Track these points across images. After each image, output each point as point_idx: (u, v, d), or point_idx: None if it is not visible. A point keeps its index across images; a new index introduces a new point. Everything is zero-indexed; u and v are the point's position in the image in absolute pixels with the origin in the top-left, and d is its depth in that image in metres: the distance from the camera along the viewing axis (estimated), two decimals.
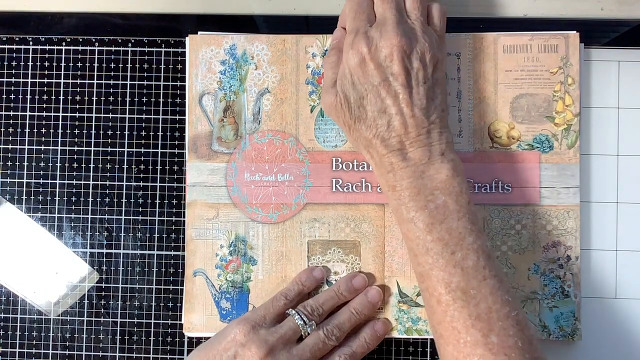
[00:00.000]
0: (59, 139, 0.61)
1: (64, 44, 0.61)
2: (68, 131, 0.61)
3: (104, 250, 0.61)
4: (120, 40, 0.61)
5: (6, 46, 0.61)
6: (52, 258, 0.61)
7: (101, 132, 0.61)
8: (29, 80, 0.61)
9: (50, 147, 0.61)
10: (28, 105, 0.61)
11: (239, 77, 0.59)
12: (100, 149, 0.61)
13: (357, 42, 0.51)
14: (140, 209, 0.61)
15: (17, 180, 0.61)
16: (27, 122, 0.61)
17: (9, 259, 0.61)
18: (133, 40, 0.61)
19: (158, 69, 0.61)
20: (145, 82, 0.61)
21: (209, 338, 0.55)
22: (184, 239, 0.60)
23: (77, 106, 0.61)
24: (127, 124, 0.61)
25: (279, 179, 0.59)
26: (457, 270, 0.48)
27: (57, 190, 0.61)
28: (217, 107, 0.59)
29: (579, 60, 0.58)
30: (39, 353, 0.60)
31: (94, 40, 0.61)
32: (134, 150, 0.61)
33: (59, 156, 0.61)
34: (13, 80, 0.61)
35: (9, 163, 0.61)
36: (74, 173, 0.61)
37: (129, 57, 0.61)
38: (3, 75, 0.61)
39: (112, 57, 0.61)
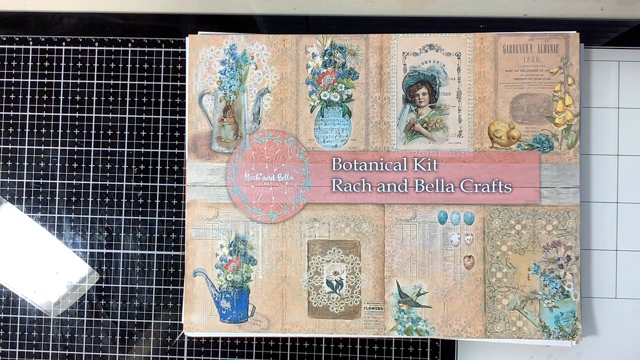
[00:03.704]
0: (59, 139, 0.61)
1: (64, 44, 0.61)
2: (68, 131, 0.61)
3: (104, 250, 0.61)
4: (120, 40, 0.61)
5: (6, 46, 0.61)
6: (52, 258, 0.61)
7: (101, 132, 0.61)
8: (29, 80, 0.61)
9: (50, 147, 0.61)
10: (28, 105, 0.61)
11: (239, 77, 0.59)
12: (100, 149, 0.61)
13: None
14: (140, 209, 0.61)
15: (17, 180, 0.61)
16: (27, 122, 0.61)
17: (9, 259, 0.61)
18: (133, 40, 0.61)
19: (158, 69, 0.61)
20: (145, 82, 0.61)
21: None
22: (184, 239, 0.60)
23: (77, 106, 0.61)
24: (127, 124, 0.61)
25: (279, 179, 0.59)
26: None
27: (57, 190, 0.61)
28: (217, 107, 0.59)
29: (579, 60, 0.58)
30: (39, 353, 0.60)
31: (94, 40, 0.61)
32: (134, 150, 0.61)
33: (59, 156, 0.61)
34: (13, 80, 0.61)
35: (9, 163, 0.61)
36: (74, 173, 0.61)
37: (129, 57, 0.61)
38: (3, 75, 0.61)
39: (112, 57, 0.61)
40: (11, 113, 0.61)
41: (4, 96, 0.61)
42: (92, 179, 0.61)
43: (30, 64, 0.61)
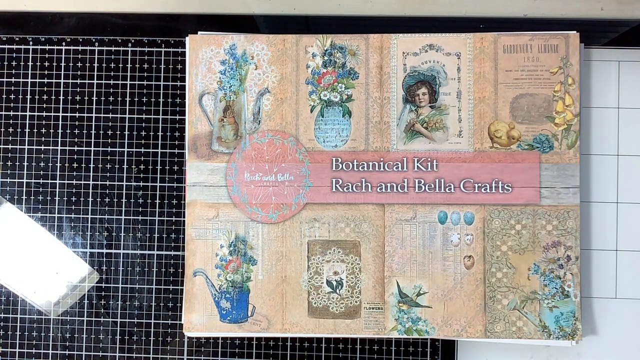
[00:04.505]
0: (59, 139, 0.61)
1: (64, 44, 0.61)
2: (68, 131, 0.61)
3: (104, 250, 0.61)
4: (120, 40, 0.61)
5: (6, 46, 0.61)
6: (52, 258, 0.61)
7: (101, 132, 0.61)
8: (29, 80, 0.61)
9: (50, 147, 0.61)
10: (28, 105, 0.61)
11: (239, 77, 0.59)
12: (100, 149, 0.61)
13: None
14: (140, 209, 0.61)
15: (17, 180, 0.61)
16: (27, 122, 0.61)
17: (9, 259, 0.61)
18: (133, 40, 0.61)
19: (158, 69, 0.61)
20: (145, 82, 0.61)
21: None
22: (184, 239, 0.60)
23: (77, 106, 0.61)
24: (127, 124, 0.61)
25: (279, 179, 0.59)
26: None
27: (57, 190, 0.61)
28: (217, 107, 0.59)
29: (579, 60, 0.58)
30: (39, 353, 0.60)
31: (94, 40, 0.61)
32: (134, 150, 0.61)
33: (59, 156, 0.61)
34: (13, 80, 0.61)
35: (9, 163, 0.61)
36: (74, 173, 0.61)
37: (129, 57, 0.61)
38: (3, 75, 0.61)
39: (112, 57, 0.61)
40: (11, 113, 0.61)
41: (4, 96, 0.61)
42: (92, 179, 0.61)
43: (30, 64, 0.61)
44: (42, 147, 0.61)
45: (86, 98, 0.61)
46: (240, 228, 0.59)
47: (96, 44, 0.61)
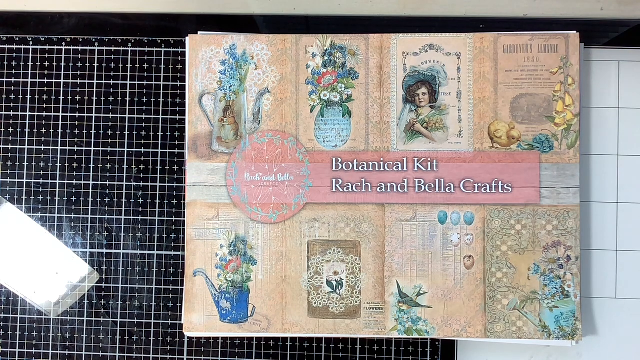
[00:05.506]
0: (59, 139, 0.61)
1: (64, 44, 0.61)
2: (68, 131, 0.61)
3: (104, 250, 0.61)
4: (120, 40, 0.61)
5: (6, 46, 0.61)
6: (52, 258, 0.61)
7: (101, 132, 0.61)
8: (29, 80, 0.61)
9: (50, 147, 0.61)
10: (28, 105, 0.61)
11: (239, 77, 0.59)
12: (100, 149, 0.61)
13: None
14: (140, 209, 0.61)
15: (17, 180, 0.61)
16: (27, 122, 0.61)
17: (9, 259, 0.61)
18: (133, 40, 0.61)
19: (158, 69, 0.61)
20: (145, 82, 0.61)
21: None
22: (184, 239, 0.60)
23: (77, 106, 0.61)
24: (127, 124, 0.61)
25: (279, 179, 0.59)
26: None
27: (57, 190, 0.61)
28: (217, 107, 0.59)
29: (579, 60, 0.58)
30: (39, 353, 0.60)
31: (94, 40, 0.61)
32: (134, 150, 0.61)
33: (59, 156, 0.61)
34: (13, 80, 0.61)
35: (9, 163, 0.61)
36: (74, 173, 0.61)
37: (129, 57, 0.61)
38: (3, 75, 0.61)
39: (112, 57, 0.61)
40: (11, 113, 0.61)
41: (4, 96, 0.61)
42: (92, 179, 0.61)
43: (30, 64, 0.61)
44: (42, 147, 0.61)
45: (86, 98, 0.61)
46: (240, 228, 0.59)
47: (96, 44, 0.61)
